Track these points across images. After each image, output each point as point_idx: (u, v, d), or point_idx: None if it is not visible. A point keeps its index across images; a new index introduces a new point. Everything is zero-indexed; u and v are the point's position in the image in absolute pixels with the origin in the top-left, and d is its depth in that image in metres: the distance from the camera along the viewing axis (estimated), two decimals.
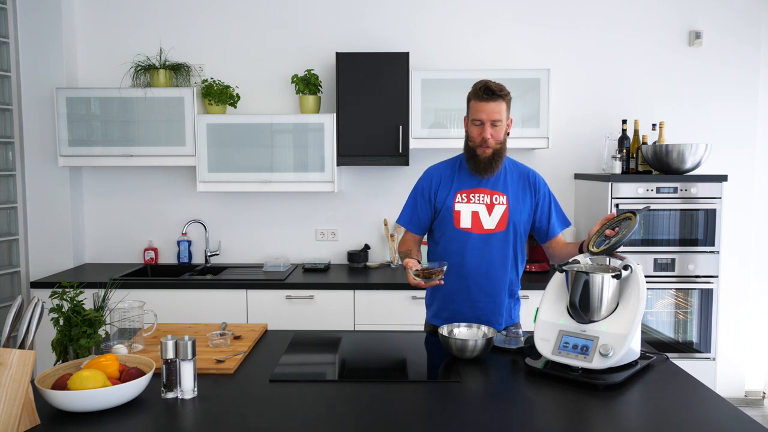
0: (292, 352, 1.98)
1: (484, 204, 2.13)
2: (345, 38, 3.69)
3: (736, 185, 3.66)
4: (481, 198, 2.14)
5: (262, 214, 3.80)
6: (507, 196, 2.14)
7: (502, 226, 2.12)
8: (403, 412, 1.52)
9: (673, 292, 3.32)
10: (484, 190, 2.14)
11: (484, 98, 2.04)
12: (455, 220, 2.14)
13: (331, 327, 3.16)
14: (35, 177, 3.60)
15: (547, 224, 2.18)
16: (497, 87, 2.05)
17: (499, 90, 2.04)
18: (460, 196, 2.15)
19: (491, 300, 2.16)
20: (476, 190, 2.15)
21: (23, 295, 3.61)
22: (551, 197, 2.21)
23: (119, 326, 1.92)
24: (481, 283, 2.14)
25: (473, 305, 2.16)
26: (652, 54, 3.69)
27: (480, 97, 2.05)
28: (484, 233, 2.12)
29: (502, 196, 2.14)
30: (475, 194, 2.14)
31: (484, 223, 2.12)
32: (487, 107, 2.04)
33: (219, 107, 3.55)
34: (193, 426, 1.46)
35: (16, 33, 3.52)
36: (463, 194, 2.15)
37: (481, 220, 2.12)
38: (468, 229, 2.13)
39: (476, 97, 2.06)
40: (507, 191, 2.15)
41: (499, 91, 2.04)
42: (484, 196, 2.14)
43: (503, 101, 2.05)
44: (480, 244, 2.13)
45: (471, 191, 2.15)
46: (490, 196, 2.14)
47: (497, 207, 2.13)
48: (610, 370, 1.66)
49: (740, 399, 3.75)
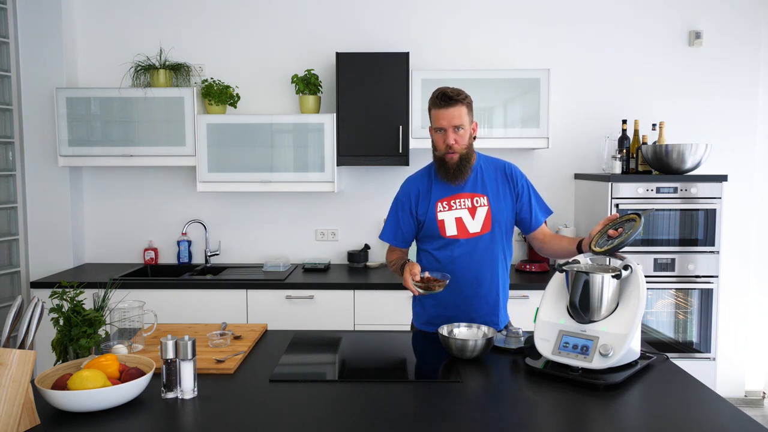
0: (292, 352, 1.98)
1: (466, 208, 2.12)
2: (345, 38, 3.69)
3: (736, 185, 3.66)
4: (462, 203, 2.13)
5: (262, 214, 3.80)
6: (487, 196, 2.13)
7: (487, 227, 2.11)
8: (403, 412, 1.52)
9: (673, 292, 3.32)
10: (463, 195, 2.13)
11: (443, 105, 2.03)
12: (441, 230, 2.13)
13: (331, 327, 3.16)
14: (35, 177, 3.60)
15: (529, 215, 2.17)
16: (454, 92, 2.04)
17: (456, 95, 2.03)
18: (440, 204, 2.14)
19: (484, 301, 2.15)
20: (456, 196, 2.14)
21: (23, 295, 3.61)
22: (530, 187, 2.19)
23: (119, 326, 1.92)
24: (473, 287, 2.13)
25: (468, 309, 2.15)
26: (652, 54, 3.69)
27: (438, 104, 2.04)
28: (471, 237, 2.11)
29: (483, 197, 2.13)
30: (455, 200, 2.13)
31: (469, 228, 2.11)
32: (447, 113, 2.03)
33: (219, 107, 3.55)
34: (193, 426, 1.46)
35: (16, 33, 3.52)
36: (444, 202, 2.14)
37: (466, 224, 2.12)
38: (454, 236, 2.12)
39: (434, 105, 2.06)
40: (486, 191, 2.14)
41: (456, 95, 2.03)
42: (465, 200, 2.13)
43: (462, 105, 2.04)
44: (468, 248, 2.12)
45: (451, 198, 2.14)
46: (470, 200, 2.13)
47: (479, 209, 2.12)
48: (610, 370, 1.66)
49: (740, 399, 3.75)
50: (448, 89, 2.05)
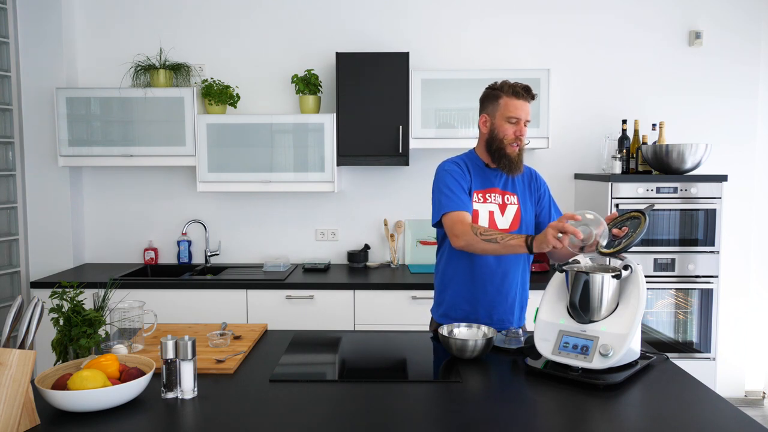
0: (292, 352, 1.98)
1: (497, 204, 2.12)
2: (345, 38, 3.69)
3: (736, 185, 3.66)
4: (495, 198, 2.13)
5: (262, 214, 3.80)
6: (517, 196, 2.14)
7: (515, 226, 2.12)
8: (403, 412, 1.52)
9: (673, 292, 3.32)
10: (496, 190, 2.14)
11: (524, 97, 2.06)
12: (473, 219, 2.09)
13: (331, 327, 3.16)
14: (35, 177, 3.60)
15: (548, 219, 2.18)
16: (531, 89, 2.09)
17: (533, 92, 2.09)
18: (476, 195, 2.12)
19: (505, 299, 2.15)
20: (490, 190, 2.13)
21: (23, 295, 3.61)
22: (549, 192, 2.24)
23: (119, 326, 1.92)
24: (497, 283, 2.12)
25: (489, 305, 2.13)
26: (652, 54, 3.69)
27: (519, 95, 2.06)
28: None
29: (513, 196, 2.14)
30: (490, 194, 2.13)
31: (498, 224, 2.10)
32: (526, 106, 2.07)
33: (219, 107, 3.55)
34: (193, 426, 1.46)
35: (16, 33, 3.52)
36: (479, 194, 2.12)
37: (496, 220, 2.11)
38: None
39: (514, 95, 2.06)
40: (516, 191, 2.15)
41: (533, 93, 2.09)
42: (497, 196, 2.13)
43: (531, 101, 2.10)
44: None
45: (485, 191, 2.13)
46: (501, 196, 2.13)
47: (509, 207, 2.12)
48: (610, 370, 1.66)
49: (740, 399, 3.75)
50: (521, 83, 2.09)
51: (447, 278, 2.19)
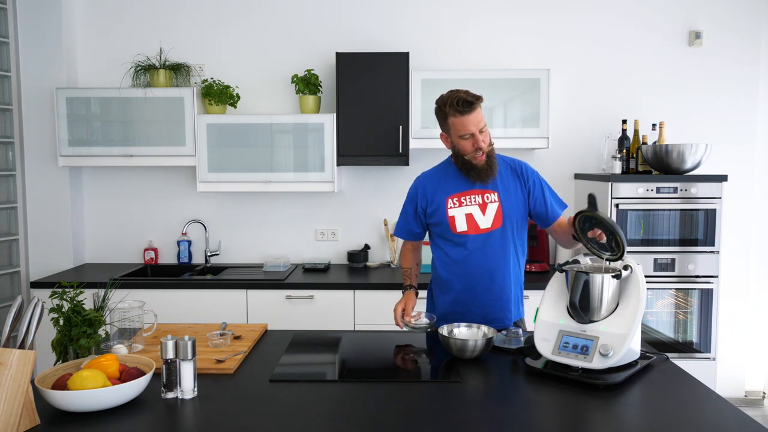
0: (292, 352, 1.98)
1: (477, 204, 2.14)
2: (345, 38, 3.69)
3: (736, 185, 3.66)
4: (473, 199, 2.14)
5: (262, 214, 3.80)
6: (498, 193, 2.14)
7: (498, 223, 2.13)
8: (403, 412, 1.52)
9: (673, 292, 3.32)
10: (474, 191, 2.15)
11: (465, 111, 2.01)
12: (451, 226, 2.15)
13: (331, 327, 3.16)
14: (35, 177, 3.60)
15: (545, 208, 2.17)
16: (470, 95, 2.02)
17: (473, 97, 2.02)
18: (451, 201, 2.15)
19: (497, 297, 2.17)
20: (466, 193, 2.15)
21: (23, 295, 3.61)
22: (542, 182, 2.20)
23: (119, 326, 1.92)
24: (486, 283, 2.16)
25: (481, 305, 2.17)
26: (652, 54, 3.68)
27: (460, 111, 2.01)
28: (482, 233, 2.13)
29: (493, 194, 2.14)
30: (466, 196, 2.15)
31: (480, 223, 2.13)
32: (471, 119, 2.02)
33: (219, 107, 3.55)
34: (193, 426, 1.46)
35: (16, 33, 3.52)
36: (454, 198, 2.15)
37: (476, 220, 2.13)
38: (465, 232, 2.14)
39: (456, 112, 2.02)
40: (497, 188, 2.14)
41: (473, 98, 2.02)
42: (476, 197, 2.14)
43: (479, 105, 2.04)
44: (479, 244, 2.13)
45: (462, 194, 2.15)
46: (481, 196, 2.14)
47: (490, 205, 2.13)
48: (610, 370, 1.66)
49: (740, 399, 3.75)
50: (461, 93, 2.03)
51: (437, 284, 2.29)
